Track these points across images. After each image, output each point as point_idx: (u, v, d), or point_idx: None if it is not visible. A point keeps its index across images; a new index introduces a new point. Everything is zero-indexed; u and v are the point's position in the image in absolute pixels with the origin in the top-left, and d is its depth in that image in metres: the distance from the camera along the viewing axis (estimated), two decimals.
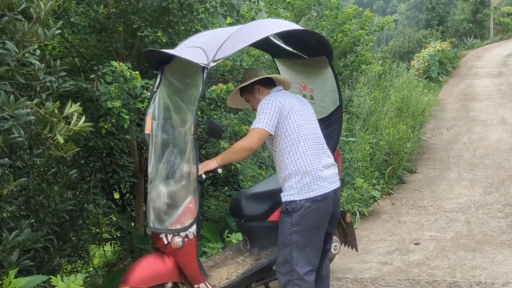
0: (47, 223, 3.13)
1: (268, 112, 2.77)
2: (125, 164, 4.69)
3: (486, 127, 9.07)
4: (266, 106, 2.79)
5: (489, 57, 20.55)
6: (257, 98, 3.01)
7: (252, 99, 3.08)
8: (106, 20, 4.46)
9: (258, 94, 3.03)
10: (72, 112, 2.76)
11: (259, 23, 3.00)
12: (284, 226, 2.76)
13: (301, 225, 2.70)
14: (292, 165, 2.76)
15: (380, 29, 8.99)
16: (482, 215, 5.08)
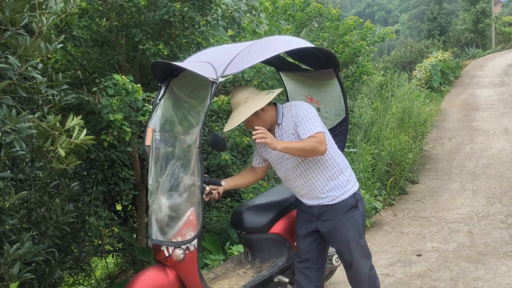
0: (48, 236, 3.13)
1: (316, 115, 2.82)
2: (126, 176, 4.71)
3: (488, 137, 9.07)
4: (311, 110, 2.81)
5: (491, 66, 20.59)
6: (260, 117, 2.89)
7: (254, 119, 2.90)
8: (108, 33, 4.50)
9: (262, 113, 2.91)
10: (74, 125, 2.78)
11: (269, 41, 3.03)
12: (355, 220, 2.88)
13: (364, 214, 2.97)
14: (341, 160, 2.91)
15: (381, 40, 9.03)
16: (485, 226, 5.06)
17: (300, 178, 2.90)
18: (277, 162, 2.97)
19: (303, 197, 2.97)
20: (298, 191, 2.96)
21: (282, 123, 2.85)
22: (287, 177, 2.95)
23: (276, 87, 6.62)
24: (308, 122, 2.75)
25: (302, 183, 2.91)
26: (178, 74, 3.00)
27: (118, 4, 4.18)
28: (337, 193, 2.86)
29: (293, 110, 2.82)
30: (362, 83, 9.02)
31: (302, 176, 2.89)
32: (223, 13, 4.73)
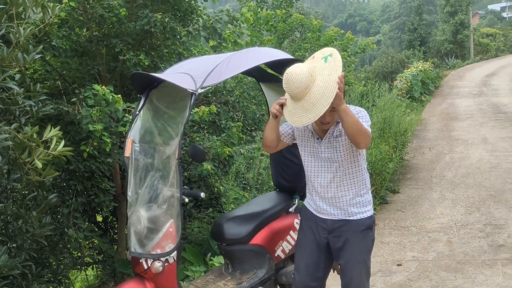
0: (25, 249, 3.08)
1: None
2: (107, 187, 4.66)
3: (467, 146, 9.21)
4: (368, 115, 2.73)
5: (470, 77, 20.99)
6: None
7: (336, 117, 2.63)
8: (88, 43, 4.48)
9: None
10: (52, 136, 2.75)
11: (248, 52, 3.04)
12: (367, 241, 2.81)
13: (374, 239, 2.90)
14: (368, 180, 2.85)
15: (362, 51, 9.15)
16: (464, 235, 5.12)
17: (332, 182, 2.74)
18: (313, 154, 2.78)
19: (323, 203, 2.79)
20: (323, 194, 2.78)
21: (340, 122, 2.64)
22: (317, 174, 2.78)
23: (258, 97, 6.65)
24: (364, 121, 2.64)
25: (331, 186, 2.75)
26: (158, 85, 2.99)
27: (98, 14, 4.17)
28: (358, 210, 2.76)
29: (352, 108, 2.65)
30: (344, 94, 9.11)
31: (335, 180, 2.74)
32: (204, 24, 4.76)
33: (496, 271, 4.24)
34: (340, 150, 2.70)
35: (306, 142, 2.82)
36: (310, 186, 2.89)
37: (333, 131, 2.71)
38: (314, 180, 2.82)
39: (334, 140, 2.71)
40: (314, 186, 2.82)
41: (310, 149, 2.80)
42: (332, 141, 2.72)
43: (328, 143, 2.72)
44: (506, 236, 4.98)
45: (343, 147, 2.71)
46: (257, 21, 7.62)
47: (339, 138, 2.70)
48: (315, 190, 2.83)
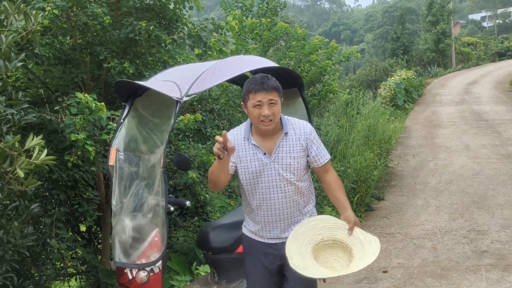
0: (6, 260, 3.01)
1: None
2: (90, 196, 4.60)
3: (450, 153, 9.33)
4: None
5: (452, 85, 21.33)
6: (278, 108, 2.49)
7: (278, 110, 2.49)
8: (72, 51, 4.44)
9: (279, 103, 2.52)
10: (34, 145, 2.71)
11: (233, 61, 3.05)
12: None
13: None
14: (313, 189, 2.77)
15: (346, 60, 9.24)
16: (448, 241, 5.17)
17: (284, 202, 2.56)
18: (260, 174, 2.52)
19: (272, 227, 2.57)
20: (273, 217, 2.56)
21: (288, 133, 2.54)
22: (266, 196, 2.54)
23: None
24: (322, 146, 2.62)
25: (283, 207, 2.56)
26: (143, 93, 2.98)
27: (82, 22, 4.13)
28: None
29: (303, 126, 2.58)
30: (328, 101, 9.17)
31: (286, 200, 2.56)
32: (189, 32, 4.74)
33: (480, 276, 4.28)
34: (293, 167, 2.52)
35: (249, 161, 2.53)
36: (255, 211, 2.60)
37: (279, 143, 2.53)
38: (261, 203, 2.56)
39: (286, 156, 2.52)
40: (261, 209, 2.57)
41: (255, 169, 2.52)
42: (282, 156, 2.52)
43: (278, 158, 2.52)
44: (489, 242, 5.04)
45: (297, 164, 2.53)
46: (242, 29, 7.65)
47: (285, 150, 2.52)
48: (263, 214, 2.57)
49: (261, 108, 2.41)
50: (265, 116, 2.42)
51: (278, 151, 2.52)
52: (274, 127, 2.49)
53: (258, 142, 2.53)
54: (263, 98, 2.41)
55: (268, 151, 2.53)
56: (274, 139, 2.54)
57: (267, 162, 2.51)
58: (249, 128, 2.57)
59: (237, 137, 2.57)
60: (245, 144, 2.55)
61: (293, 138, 2.55)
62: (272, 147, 2.53)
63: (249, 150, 2.54)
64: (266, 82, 2.44)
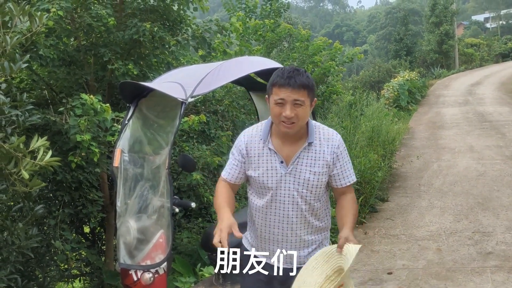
0: (10, 262, 3.01)
1: None
2: (95, 198, 4.60)
3: (454, 154, 9.29)
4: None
5: (455, 86, 21.27)
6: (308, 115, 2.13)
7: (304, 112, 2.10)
8: (76, 52, 4.45)
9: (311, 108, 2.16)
10: (39, 146, 2.71)
11: (238, 62, 3.04)
12: None
13: None
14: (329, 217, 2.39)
15: (350, 61, 9.23)
16: (453, 243, 5.14)
17: (296, 222, 2.23)
18: (271, 186, 2.19)
19: (280, 248, 2.18)
20: (283, 237, 2.25)
21: (313, 143, 2.18)
22: (275, 212, 2.22)
23: (247, 107, 6.64)
24: (349, 164, 2.26)
25: (294, 228, 2.24)
26: (147, 94, 2.98)
27: (86, 24, 4.14)
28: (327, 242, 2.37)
29: (332, 137, 2.21)
30: (332, 103, 9.16)
31: (299, 220, 2.23)
32: (193, 33, 4.75)
33: (485, 278, 4.25)
34: (312, 184, 2.17)
35: (262, 169, 2.19)
36: (259, 225, 2.27)
37: (301, 153, 2.16)
38: (268, 218, 2.24)
39: (305, 169, 2.16)
40: (269, 228, 2.25)
41: (267, 179, 2.18)
42: (301, 170, 2.16)
43: (296, 171, 2.16)
44: (494, 244, 5.01)
45: (317, 181, 2.16)
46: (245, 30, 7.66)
47: (308, 162, 2.16)
48: (268, 230, 2.26)
49: (283, 107, 2.05)
50: (287, 117, 2.05)
51: (297, 162, 2.16)
52: (297, 131, 2.12)
53: (276, 147, 2.18)
54: (287, 96, 2.04)
55: (286, 159, 2.17)
56: (296, 147, 2.17)
57: (282, 173, 2.15)
58: (268, 127, 2.21)
59: (252, 138, 2.23)
60: (260, 146, 2.20)
61: (318, 150, 2.17)
62: (291, 155, 2.16)
63: (264, 156, 2.18)
64: (294, 77, 2.06)
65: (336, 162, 2.20)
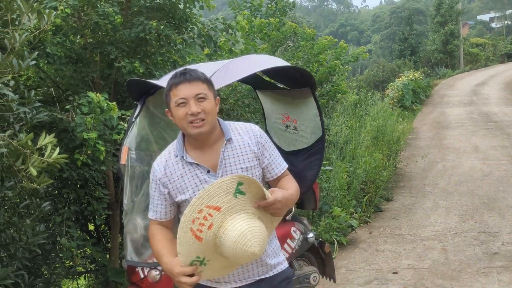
0: (18, 258, 3.03)
1: None
2: (100, 195, 4.61)
3: (459, 154, 9.27)
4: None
5: (460, 86, 21.19)
6: (215, 110, 1.98)
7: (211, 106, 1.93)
8: (83, 50, 4.45)
9: (216, 106, 2.00)
10: (46, 143, 2.72)
11: (246, 60, 3.02)
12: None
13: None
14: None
15: (355, 60, 9.20)
16: (458, 243, 5.13)
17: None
18: None
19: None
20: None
21: (233, 138, 2.01)
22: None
23: (252, 105, 6.63)
24: (276, 152, 2.12)
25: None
26: (155, 92, 2.98)
27: (93, 21, 4.14)
28: (275, 261, 2.11)
29: (251, 128, 2.07)
30: (337, 102, 9.14)
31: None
32: (199, 32, 4.74)
33: (491, 279, 4.24)
34: None
35: (189, 188, 1.97)
36: None
37: (224, 151, 1.98)
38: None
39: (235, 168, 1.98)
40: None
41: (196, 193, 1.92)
42: (231, 170, 1.98)
43: (226, 173, 1.96)
44: (500, 244, 4.99)
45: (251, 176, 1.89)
46: (251, 29, 7.64)
47: (235, 158, 1.99)
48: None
49: (187, 105, 1.89)
50: (193, 114, 1.87)
51: (224, 164, 1.97)
52: (210, 129, 1.93)
53: (196, 159, 1.97)
54: (188, 93, 1.89)
55: (212, 167, 1.97)
56: (216, 150, 1.98)
57: (213, 182, 1.85)
58: (182, 142, 2.01)
59: (167, 161, 2.00)
60: (179, 166, 1.98)
61: (241, 144, 2.01)
62: (216, 160, 1.97)
63: (187, 173, 1.97)
64: (188, 72, 1.93)
65: (264, 152, 2.05)
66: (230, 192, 1.74)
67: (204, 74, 1.97)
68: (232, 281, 2.03)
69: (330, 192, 6.03)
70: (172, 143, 2.06)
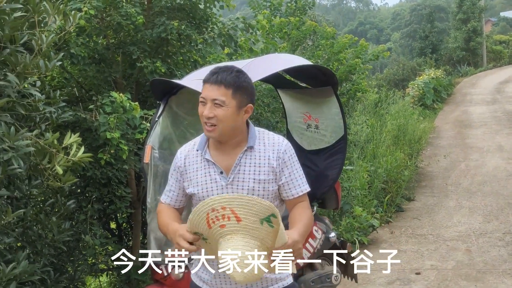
0: (44, 255, 3.08)
1: None
2: (122, 194, 4.66)
3: (483, 154, 9.11)
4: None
5: (483, 84, 20.82)
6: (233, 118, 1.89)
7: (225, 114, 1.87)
8: (106, 51, 4.51)
9: (245, 114, 1.94)
10: (72, 142, 2.77)
11: (268, 59, 3.03)
12: None
13: None
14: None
15: (376, 58, 9.12)
16: (483, 244, 5.04)
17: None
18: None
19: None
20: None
21: (255, 147, 1.96)
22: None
23: (271, 105, 6.63)
24: (299, 171, 2.01)
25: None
26: (177, 92, 3.00)
27: (115, 22, 4.19)
28: (278, 276, 2.03)
29: (278, 141, 1.98)
30: (357, 101, 9.08)
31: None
32: (220, 31, 4.75)
33: None
34: (256, 195, 1.90)
35: (200, 183, 1.97)
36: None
37: (241, 158, 1.94)
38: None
39: (248, 177, 1.92)
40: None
41: (208, 192, 1.95)
42: (244, 178, 1.93)
43: (238, 180, 1.93)
44: None
45: (262, 190, 1.92)
46: (270, 28, 7.64)
47: (251, 169, 1.93)
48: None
49: (205, 106, 1.88)
50: (206, 117, 1.86)
51: (238, 170, 1.93)
52: (220, 136, 1.89)
53: (213, 157, 1.96)
54: (207, 94, 1.86)
55: (225, 169, 1.94)
56: (235, 154, 1.95)
57: (223, 184, 1.91)
58: (205, 138, 2.00)
59: (189, 152, 2.04)
60: (198, 159, 1.99)
61: (261, 155, 1.94)
62: (231, 164, 1.93)
63: (202, 169, 1.97)
64: (219, 73, 1.87)
65: (284, 168, 1.95)
66: (260, 216, 1.68)
67: (238, 78, 1.87)
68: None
69: (351, 191, 5.99)
70: (200, 135, 2.07)
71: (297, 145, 3.70)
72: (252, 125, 2.00)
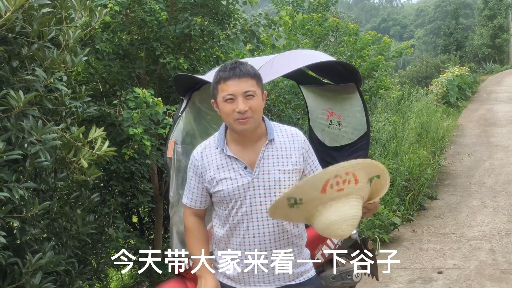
0: (69, 246, 3.15)
1: None
2: (145, 188, 4.72)
3: (508, 153, 8.92)
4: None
5: (509, 82, 20.37)
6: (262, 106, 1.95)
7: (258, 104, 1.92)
8: (130, 46, 4.56)
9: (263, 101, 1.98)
10: (96, 136, 2.81)
11: (291, 55, 3.02)
12: None
13: None
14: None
15: (399, 55, 9.02)
16: (507, 244, 4.95)
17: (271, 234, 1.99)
18: (240, 194, 1.96)
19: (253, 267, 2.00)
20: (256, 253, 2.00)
21: (275, 140, 2.00)
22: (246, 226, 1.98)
23: (293, 101, 6.62)
24: (317, 159, 2.13)
25: (268, 240, 1.99)
26: (200, 87, 3.02)
27: (139, 18, 4.24)
28: (303, 269, 2.10)
29: (299, 134, 2.06)
30: (379, 98, 8.99)
31: (275, 232, 2.00)
32: (242, 27, 4.76)
33: None
34: (284, 185, 1.94)
35: (226, 181, 1.97)
36: (232, 244, 2.04)
37: (263, 151, 1.96)
38: (237, 234, 2.01)
39: (273, 169, 1.95)
40: (248, 246, 1.99)
41: (234, 189, 1.95)
42: (269, 171, 1.95)
43: (263, 173, 1.95)
44: None
45: (289, 180, 1.95)
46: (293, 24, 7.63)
47: (273, 161, 1.96)
48: (243, 247, 2.00)
49: (234, 102, 1.86)
50: (241, 112, 1.85)
51: (263, 163, 1.95)
52: (255, 127, 1.92)
53: (235, 153, 1.97)
54: (236, 89, 1.86)
55: (249, 164, 1.96)
56: (257, 148, 1.97)
57: (249, 179, 1.94)
58: (223, 135, 2.02)
59: (207, 151, 2.04)
60: (218, 157, 1.99)
61: (283, 147, 1.98)
62: (254, 158, 1.95)
63: (224, 166, 1.97)
64: (238, 67, 1.89)
65: (307, 159, 2.04)
66: (369, 176, 1.86)
67: (254, 68, 1.94)
68: (256, 282, 2.02)
69: None
70: (214, 135, 2.08)
71: (318, 141, 3.69)
72: (267, 119, 2.04)
